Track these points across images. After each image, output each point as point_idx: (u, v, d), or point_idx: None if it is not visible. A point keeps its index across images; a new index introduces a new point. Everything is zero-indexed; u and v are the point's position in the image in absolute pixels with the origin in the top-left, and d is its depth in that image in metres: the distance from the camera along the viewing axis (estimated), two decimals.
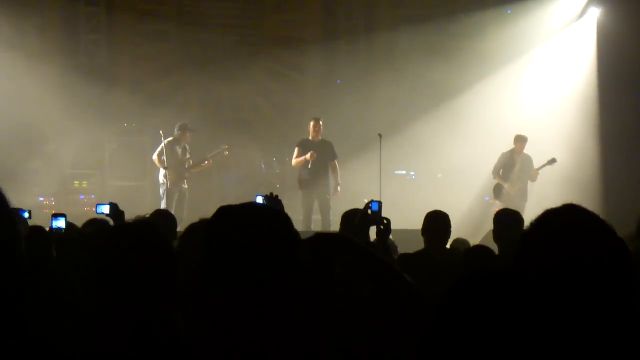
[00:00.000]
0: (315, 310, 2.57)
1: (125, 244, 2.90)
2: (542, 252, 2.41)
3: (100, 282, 2.86)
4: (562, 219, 2.49)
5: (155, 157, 15.65)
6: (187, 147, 15.99)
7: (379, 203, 5.93)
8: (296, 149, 15.09)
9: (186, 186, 15.86)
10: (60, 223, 6.54)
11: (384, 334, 2.61)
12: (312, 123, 15.06)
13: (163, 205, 14.78)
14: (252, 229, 2.47)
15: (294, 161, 15.14)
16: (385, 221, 5.84)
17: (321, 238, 2.78)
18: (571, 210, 2.52)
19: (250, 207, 2.61)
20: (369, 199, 6.03)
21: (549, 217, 2.50)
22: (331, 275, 2.57)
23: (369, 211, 5.85)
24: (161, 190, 15.62)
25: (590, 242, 2.40)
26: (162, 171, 15.55)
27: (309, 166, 14.86)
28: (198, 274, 2.46)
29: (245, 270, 2.40)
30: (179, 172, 15.69)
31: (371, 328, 2.60)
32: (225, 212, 2.54)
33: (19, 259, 2.11)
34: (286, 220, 2.56)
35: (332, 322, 2.62)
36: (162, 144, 15.48)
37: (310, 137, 15.10)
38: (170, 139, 15.70)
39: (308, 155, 14.81)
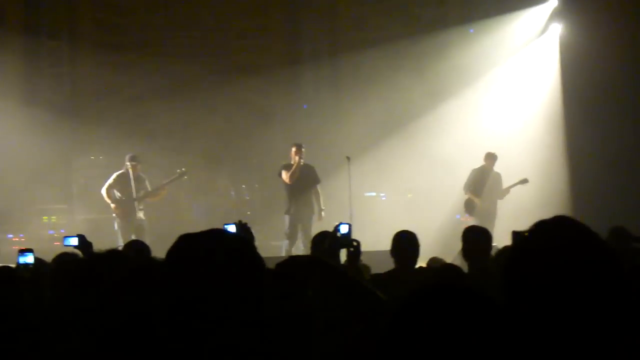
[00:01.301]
0: (290, 330, 2.54)
1: (95, 273, 2.87)
2: (535, 262, 2.39)
3: (75, 314, 2.82)
4: (554, 230, 2.48)
5: (103, 191, 15.28)
6: (144, 176, 15.63)
7: (349, 225, 5.89)
8: (283, 171, 14.97)
9: (143, 217, 15.30)
10: (29, 259, 6.44)
11: (359, 350, 2.60)
12: (293, 149, 14.98)
13: (120, 242, 14.37)
14: (211, 254, 2.42)
15: (285, 176, 14.90)
16: (355, 243, 5.81)
17: (295, 260, 2.77)
18: (563, 221, 2.51)
19: (210, 233, 2.55)
20: (337, 223, 5.99)
21: (541, 228, 2.49)
22: (305, 296, 2.56)
23: (339, 234, 5.81)
24: (115, 225, 15.34)
25: (583, 253, 2.38)
26: (112, 205, 15.30)
27: (296, 192, 14.77)
28: (161, 303, 2.42)
29: (205, 296, 2.35)
30: (130, 204, 15.26)
31: (346, 345, 2.59)
32: (183, 239, 2.51)
33: None
34: (245, 244, 2.53)
35: (308, 341, 2.61)
36: (112, 178, 15.26)
37: (292, 162, 15.00)
38: (121, 171, 15.34)
39: (296, 157, 14.73)
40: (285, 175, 14.83)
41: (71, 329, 2.84)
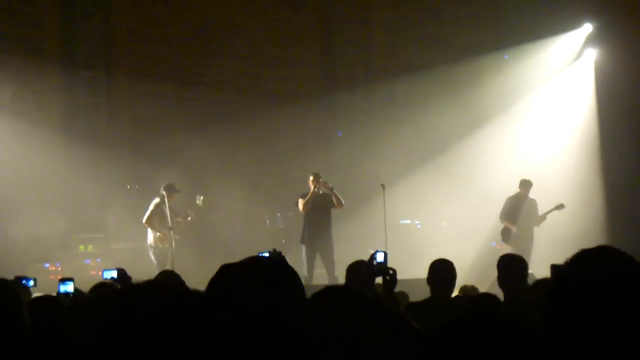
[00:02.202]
0: None
1: (135, 304, 2.86)
2: (577, 292, 2.34)
3: (113, 346, 2.81)
4: (597, 260, 2.43)
5: (145, 220, 15.46)
6: (172, 207, 15.66)
7: (385, 253, 5.87)
8: (300, 199, 15.00)
9: (174, 246, 15.39)
10: (69, 288, 6.44)
11: None
12: (311, 177, 15.01)
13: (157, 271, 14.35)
14: (255, 287, 2.38)
15: (301, 204, 14.94)
16: (391, 271, 5.78)
17: (330, 291, 2.77)
18: (606, 251, 2.46)
19: (252, 263, 2.49)
20: (374, 251, 5.97)
21: (584, 258, 2.44)
22: (341, 327, 2.55)
23: (375, 262, 5.80)
24: (152, 255, 15.39)
25: (627, 283, 2.33)
26: (152, 234, 15.36)
27: (311, 220, 14.78)
28: (203, 337, 2.39)
29: (248, 332, 2.32)
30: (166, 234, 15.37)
31: None
32: (226, 270, 2.46)
33: (20, 328, 2.08)
34: (291, 276, 2.47)
35: None
36: (151, 207, 15.35)
37: (309, 193, 15.01)
38: (158, 200, 15.47)
39: (313, 186, 14.74)
40: (300, 204, 14.88)
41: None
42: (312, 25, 20.07)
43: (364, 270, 5.85)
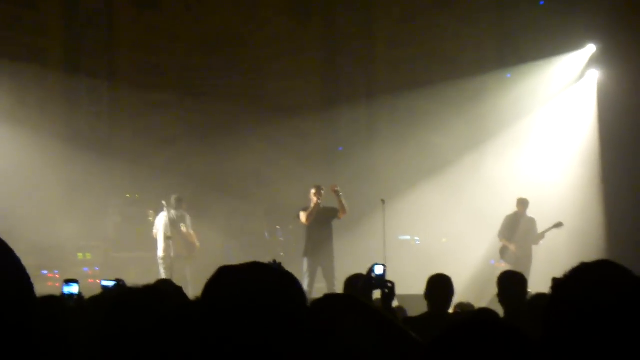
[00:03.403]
0: None
1: (134, 309, 2.84)
2: (575, 304, 2.33)
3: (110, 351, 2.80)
4: (597, 273, 2.41)
5: (161, 234, 15.51)
6: (185, 215, 15.73)
7: (384, 266, 5.85)
8: (301, 212, 14.97)
9: (172, 256, 15.37)
10: (73, 289, 6.38)
11: None
12: (313, 190, 14.99)
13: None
14: (254, 289, 2.35)
15: (304, 216, 14.88)
16: (389, 284, 5.77)
17: (330, 299, 2.76)
18: (606, 265, 2.45)
19: (251, 266, 2.45)
20: (373, 263, 5.95)
21: (583, 271, 2.43)
22: (341, 333, 2.54)
23: (373, 275, 5.78)
24: (161, 268, 15.43)
25: (627, 297, 2.32)
26: (163, 245, 15.41)
27: (313, 233, 14.76)
28: (198, 339, 2.35)
29: (246, 332, 2.28)
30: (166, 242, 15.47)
31: None
32: (224, 272, 2.43)
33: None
34: (291, 279, 2.44)
35: None
36: (163, 220, 15.39)
37: (311, 204, 15.00)
38: (164, 212, 15.55)
39: (315, 199, 14.73)
40: (303, 216, 14.82)
41: None
42: (316, 39, 20.10)
43: (362, 283, 5.84)
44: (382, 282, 5.79)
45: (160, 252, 15.48)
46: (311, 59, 20.05)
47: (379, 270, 5.79)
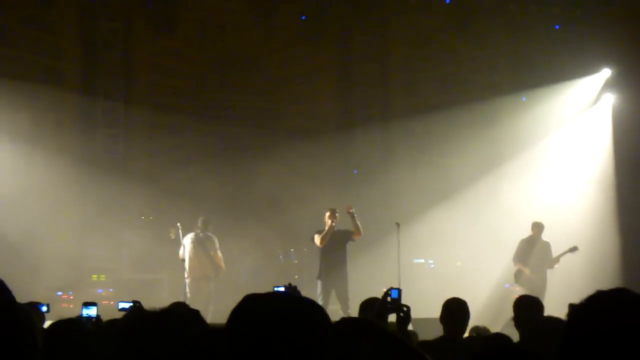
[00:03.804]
0: None
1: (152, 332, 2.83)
2: (592, 331, 2.32)
3: None
4: (613, 301, 2.41)
5: (186, 256, 15.59)
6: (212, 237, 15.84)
7: (399, 290, 5.85)
8: (316, 235, 14.97)
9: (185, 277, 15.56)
10: (92, 312, 6.37)
11: None
12: (327, 213, 15.01)
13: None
14: (279, 318, 2.35)
15: (318, 239, 14.88)
16: (405, 308, 5.76)
17: (347, 322, 2.76)
18: (622, 293, 2.44)
19: (277, 295, 2.45)
20: (389, 287, 5.95)
21: (599, 299, 2.42)
22: (358, 357, 2.54)
23: (389, 299, 5.78)
24: (187, 288, 15.49)
25: None
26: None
27: (328, 256, 14.75)
28: None
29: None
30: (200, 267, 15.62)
31: None
32: (251, 300, 2.43)
33: (30, 352, 2.06)
34: (316, 309, 2.42)
35: None
36: (188, 243, 15.50)
37: (326, 228, 15.01)
38: (200, 232, 15.67)
39: (329, 221, 14.73)
40: (317, 239, 14.82)
41: None
42: (331, 62, 20.12)
43: (377, 307, 5.83)
44: (397, 305, 5.79)
45: (187, 274, 15.55)
46: (326, 82, 20.06)
47: (394, 294, 5.79)
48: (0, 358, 2.01)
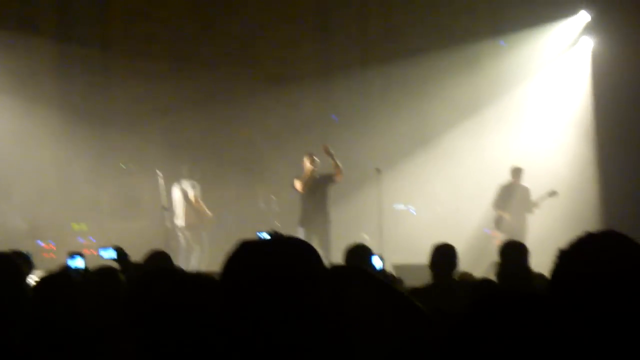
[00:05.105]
0: (332, 340, 2.47)
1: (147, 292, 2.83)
2: (579, 275, 2.33)
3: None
4: (602, 244, 2.43)
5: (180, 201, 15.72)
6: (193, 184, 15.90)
7: (381, 257, 5.77)
8: (296, 180, 14.94)
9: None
10: (78, 262, 6.33)
11: None
12: (306, 158, 14.94)
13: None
14: (279, 259, 2.31)
15: (299, 184, 14.86)
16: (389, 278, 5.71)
17: (338, 270, 2.77)
18: (611, 235, 2.46)
19: (272, 239, 2.44)
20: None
21: (588, 241, 2.44)
22: (349, 306, 2.54)
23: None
24: (182, 238, 15.60)
25: (632, 267, 2.33)
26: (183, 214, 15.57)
27: (308, 202, 14.74)
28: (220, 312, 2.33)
29: (269, 303, 2.24)
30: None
31: (390, 357, 2.57)
32: (246, 247, 2.37)
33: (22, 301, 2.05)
34: (313, 252, 2.40)
35: (350, 351, 2.58)
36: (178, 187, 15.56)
37: (306, 173, 14.95)
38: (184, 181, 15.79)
39: (309, 166, 14.74)
40: (297, 184, 14.80)
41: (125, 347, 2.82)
42: (309, 8, 19.99)
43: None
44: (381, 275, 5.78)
45: (181, 222, 15.58)
46: (305, 28, 19.94)
47: (376, 262, 5.75)
48: None
